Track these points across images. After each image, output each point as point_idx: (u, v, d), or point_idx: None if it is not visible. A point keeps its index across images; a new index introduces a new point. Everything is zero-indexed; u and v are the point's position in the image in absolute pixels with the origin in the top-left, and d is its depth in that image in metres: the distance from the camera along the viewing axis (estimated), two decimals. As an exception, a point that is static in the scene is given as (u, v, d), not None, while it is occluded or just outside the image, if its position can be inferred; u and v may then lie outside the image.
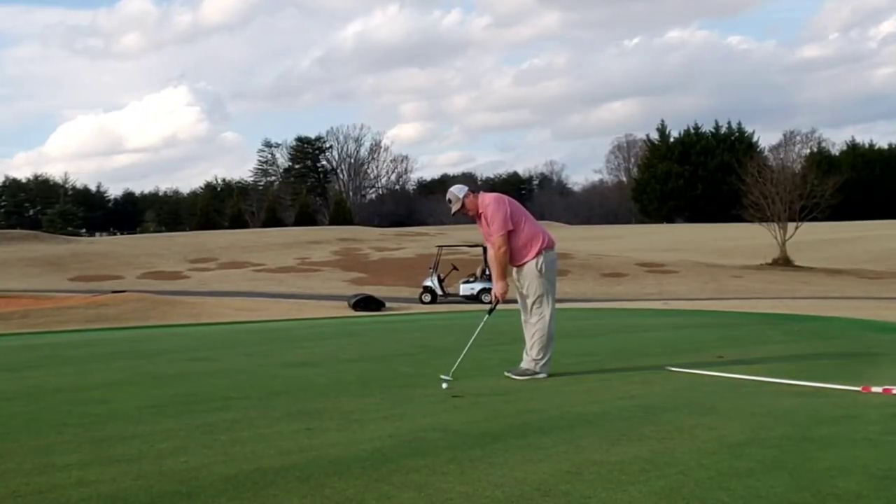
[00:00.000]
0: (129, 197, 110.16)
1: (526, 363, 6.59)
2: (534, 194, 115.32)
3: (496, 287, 6.57)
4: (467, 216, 6.82)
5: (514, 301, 6.92)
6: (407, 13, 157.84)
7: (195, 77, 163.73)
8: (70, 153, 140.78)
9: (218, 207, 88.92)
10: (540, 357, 6.52)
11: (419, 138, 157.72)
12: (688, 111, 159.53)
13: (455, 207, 6.74)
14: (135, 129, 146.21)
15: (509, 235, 6.54)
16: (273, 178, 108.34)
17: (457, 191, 6.78)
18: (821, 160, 71.24)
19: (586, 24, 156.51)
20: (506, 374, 6.60)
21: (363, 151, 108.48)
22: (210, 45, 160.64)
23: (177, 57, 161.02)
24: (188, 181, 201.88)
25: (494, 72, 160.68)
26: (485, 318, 6.71)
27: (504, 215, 6.53)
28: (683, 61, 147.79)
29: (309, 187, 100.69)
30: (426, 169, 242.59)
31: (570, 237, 58.69)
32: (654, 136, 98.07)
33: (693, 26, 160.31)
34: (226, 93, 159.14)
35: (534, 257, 6.57)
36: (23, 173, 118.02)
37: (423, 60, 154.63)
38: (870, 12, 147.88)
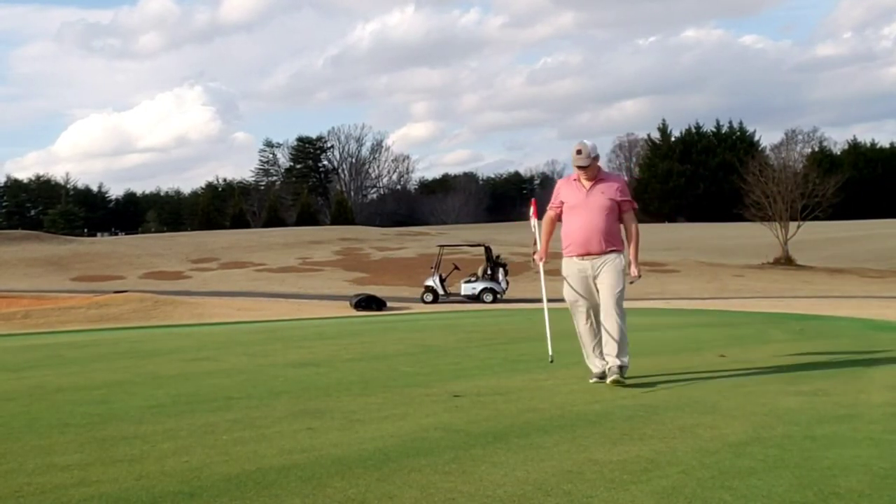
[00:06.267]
0: (130, 197, 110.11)
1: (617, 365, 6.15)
2: (535, 193, 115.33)
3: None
4: (583, 175, 6.26)
5: (517, 300, 6.89)
6: (425, 12, 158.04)
7: (211, 76, 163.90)
8: (80, 153, 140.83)
9: (219, 207, 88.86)
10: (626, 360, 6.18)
11: (429, 137, 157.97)
12: (698, 110, 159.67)
13: (583, 162, 6.18)
14: (147, 128, 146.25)
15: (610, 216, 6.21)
16: (274, 177, 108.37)
17: (591, 147, 6.22)
18: (822, 159, 71.20)
19: (602, 24, 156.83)
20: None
21: (364, 151, 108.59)
22: (228, 44, 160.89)
23: (193, 56, 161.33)
24: (197, 181, 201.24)
25: (508, 71, 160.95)
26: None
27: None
28: (697, 60, 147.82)
29: (310, 187, 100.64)
30: (434, 168, 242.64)
31: (571, 236, 58.46)
32: (656, 135, 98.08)
33: (709, 25, 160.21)
34: (240, 92, 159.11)
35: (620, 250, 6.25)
36: (34, 172, 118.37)
37: (437, 60, 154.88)
38: (885, 10, 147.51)
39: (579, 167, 6.24)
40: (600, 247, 6.16)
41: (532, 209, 6.86)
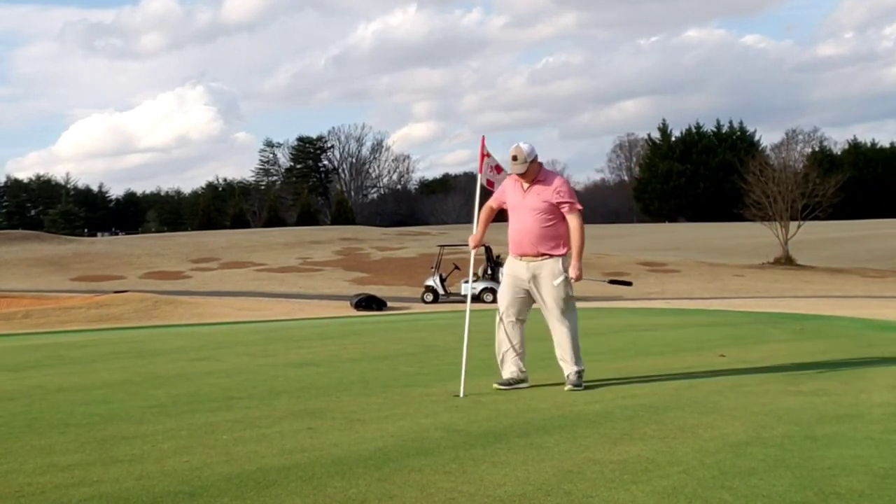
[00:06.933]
0: (130, 197, 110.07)
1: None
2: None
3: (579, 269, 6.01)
4: (523, 177, 6.05)
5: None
6: (427, 12, 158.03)
7: (212, 76, 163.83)
8: (81, 153, 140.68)
9: (219, 207, 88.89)
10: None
11: (430, 137, 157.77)
12: (699, 110, 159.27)
13: (520, 170, 6.00)
14: (148, 128, 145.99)
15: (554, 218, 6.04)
16: (275, 177, 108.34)
17: (528, 151, 5.99)
18: (822, 159, 71.17)
19: (604, 24, 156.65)
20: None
21: (365, 151, 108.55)
22: (229, 44, 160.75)
23: (195, 56, 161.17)
24: (197, 181, 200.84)
25: (509, 71, 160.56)
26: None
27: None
28: (698, 60, 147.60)
29: (310, 187, 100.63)
30: (434, 168, 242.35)
31: (571, 236, 58.49)
32: (656, 135, 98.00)
33: (712, 25, 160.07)
34: (241, 92, 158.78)
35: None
36: (34, 172, 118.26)
37: (439, 60, 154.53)
38: (886, 10, 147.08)
39: (516, 174, 6.12)
40: (533, 249, 6.07)
41: (480, 146, 6.70)
